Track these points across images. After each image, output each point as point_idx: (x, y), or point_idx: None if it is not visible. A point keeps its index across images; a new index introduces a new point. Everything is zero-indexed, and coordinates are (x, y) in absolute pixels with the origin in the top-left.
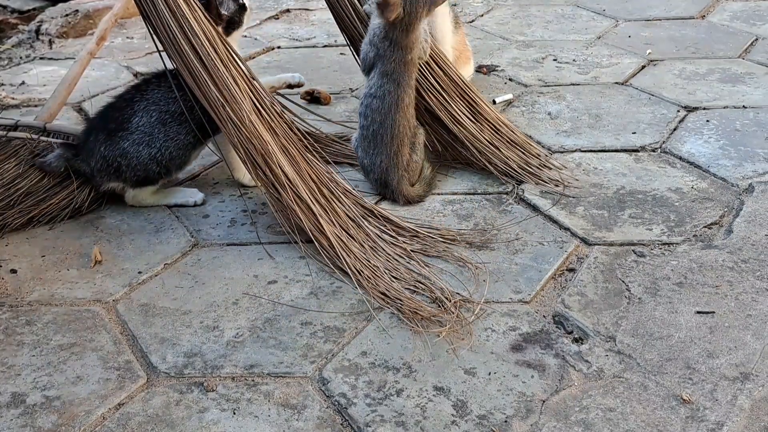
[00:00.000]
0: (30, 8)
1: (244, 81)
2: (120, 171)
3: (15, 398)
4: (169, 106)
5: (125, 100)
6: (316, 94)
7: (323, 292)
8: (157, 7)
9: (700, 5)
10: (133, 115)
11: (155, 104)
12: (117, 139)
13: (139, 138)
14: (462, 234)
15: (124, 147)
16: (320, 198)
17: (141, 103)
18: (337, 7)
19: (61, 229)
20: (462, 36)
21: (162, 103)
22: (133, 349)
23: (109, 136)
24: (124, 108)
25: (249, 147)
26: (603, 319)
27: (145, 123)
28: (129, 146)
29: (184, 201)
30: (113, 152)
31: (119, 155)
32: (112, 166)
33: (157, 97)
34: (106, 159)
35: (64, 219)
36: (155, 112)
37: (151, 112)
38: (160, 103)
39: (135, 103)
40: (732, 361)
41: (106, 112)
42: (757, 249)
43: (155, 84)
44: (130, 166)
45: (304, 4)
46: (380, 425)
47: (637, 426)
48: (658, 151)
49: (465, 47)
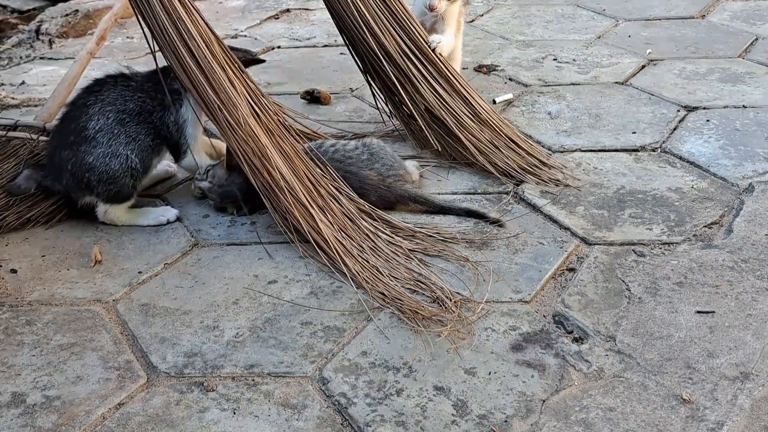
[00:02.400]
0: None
1: (241, 83)
2: (91, 185)
3: (15, 398)
4: (126, 105)
5: (78, 107)
6: (316, 93)
7: (323, 292)
8: (153, 9)
9: (700, 5)
10: (89, 119)
11: (111, 104)
12: (81, 154)
13: (103, 151)
14: (462, 233)
15: (90, 162)
16: (317, 198)
17: (95, 105)
18: (336, 7)
19: (61, 228)
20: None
21: (119, 102)
22: (133, 348)
23: (72, 151)
24: (79, 116)
25: (246, 149)
26: (603, 318)
27: (102, 126)
28: (94, 160)
29: (156, 221)
30: (80, 169)
31: (86, 170)
32: (83, 182)
33: (112, 96)
34: (74, 176)
35: (63, 219)
36: (111, 112)
37: (107, 113)
38: (116, 103)
39: (89, 107)
40: (732, 360)
41: (63, 125)
42: (757, 248)
43: (111, 84)
44: (101, 180)
45: (304, 4)
46: (380, 425)
47: (637, 426)
48: (658, 150)
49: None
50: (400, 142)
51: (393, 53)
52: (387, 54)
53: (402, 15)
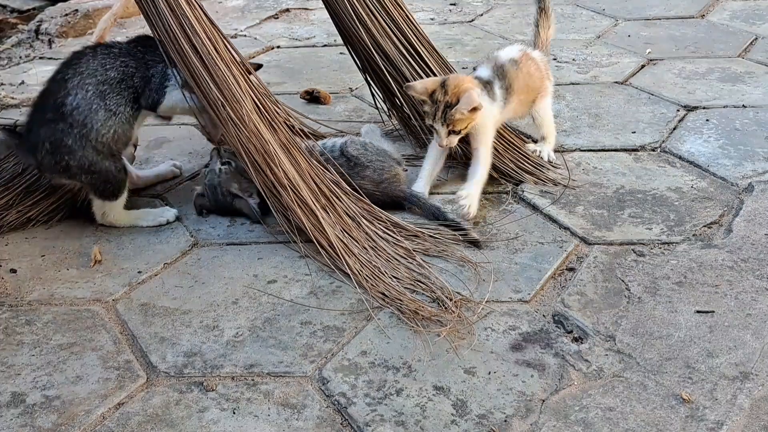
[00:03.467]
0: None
1: (245, 80)
2: (71, 171)
3: (15, 398)
4: (107, 74)
5: (57, 82)
6: (316, 93)
7: (323, 292)
8: (157, 6)
9: (700, 4)
10: (67, 94)
11: (91, 76)
12: (59, 134)
13: (79, 132)
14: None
15: (69, 144)
16: (320, 198)
17: (74, 79)
18: (335, 7)
19: (61, 228)
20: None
21: (99, 73)
22: (132, 348)
23: (50, 129)
24: (57, 91)
25: (249, 146)
26: (603, 318)
27: (80, 100)
28: (73, 143)
29: (156, 222)
30: (59, 150)
31: (66, 153)
32: (60, 165)
33: (93, 67)
34: (52, 155)
35: (63, 218)
36: (91, 85)
37: (86, 86)
38: (96, 74)
39: (67, 81)
40: (732, 360)
41: (41, 101)
42: (757, 248)
43: (90, 54)
44: (83, 169)
45: (304, 4)
46: (380, 425)
47: (637, 425)
48: (657, 150)
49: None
50: (400, 142)
51: (390, 53)
52: (384, 54)
53: (399, 16)
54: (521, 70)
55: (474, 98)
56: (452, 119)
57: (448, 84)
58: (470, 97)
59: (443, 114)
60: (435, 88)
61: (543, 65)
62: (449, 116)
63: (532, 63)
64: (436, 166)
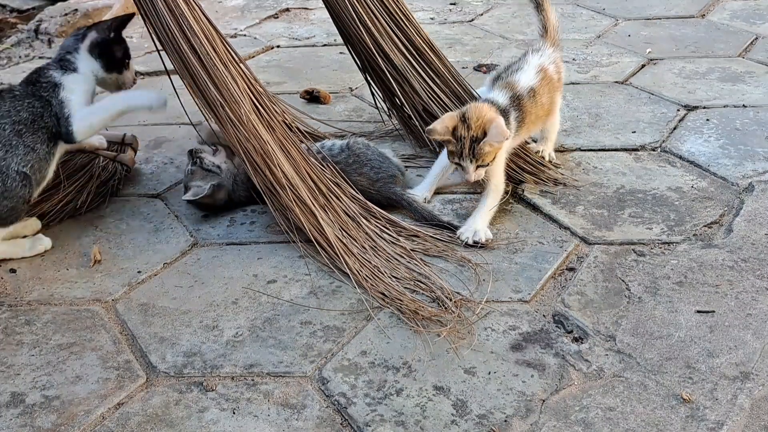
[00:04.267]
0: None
1: (243, 80)
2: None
3: (14, 398)
4: (20, 115)
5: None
6: (316, 93)
7: (323, 292)
8: (156, 6)
9: (700, 4)
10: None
11: (5, 117)
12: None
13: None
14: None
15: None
16: (319, 197)
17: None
18: (334, 6)
19: (61, 228)
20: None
21: (13, 114)
22: (132, 348)
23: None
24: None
25: (247, 146)
26: (603, 318)
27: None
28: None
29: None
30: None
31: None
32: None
33: (5, 109)
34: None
35: (63, 219)
36: (7, 124)
37: (3, 125)
38: (11, 115)
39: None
40: (732, 360)
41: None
42: (757, 248)
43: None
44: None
45: (304, 3)
46: (380, 425)
47: (637, 425)
48: (658, 150)
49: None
50: (400, 141)
51: (390, 53)
52: (384, 54)
53: (399, 15)
54: (536, 102)
55: (503, 128)
56: (481, 153)
57: (469, 116)
58: (500, 128)
59: (470, 149)
60: (455, 124)
61: (556, 73)
62: (477, 151)
63: (545, 84)
64: (444, 173)
